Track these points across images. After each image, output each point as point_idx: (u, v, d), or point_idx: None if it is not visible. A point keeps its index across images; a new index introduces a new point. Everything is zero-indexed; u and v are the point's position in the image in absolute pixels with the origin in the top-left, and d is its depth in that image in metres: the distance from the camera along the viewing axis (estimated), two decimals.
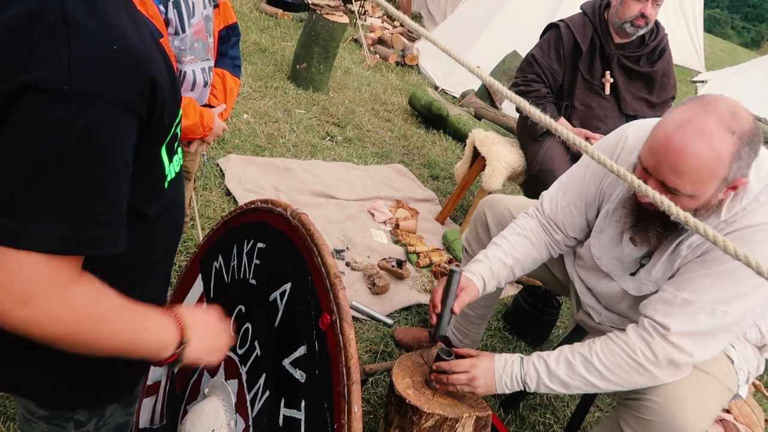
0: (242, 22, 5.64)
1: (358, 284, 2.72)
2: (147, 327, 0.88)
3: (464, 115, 4.70)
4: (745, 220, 1.43)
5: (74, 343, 0.79)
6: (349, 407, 0.85)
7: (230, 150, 3.40)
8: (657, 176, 1.39)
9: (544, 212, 1.87)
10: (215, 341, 1.02)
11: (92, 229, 0.74)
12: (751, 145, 1.34)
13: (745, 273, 1.40)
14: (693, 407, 1.49)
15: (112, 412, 1.06)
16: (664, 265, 1.57)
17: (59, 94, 0.68)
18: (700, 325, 1.45)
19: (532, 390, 1.61)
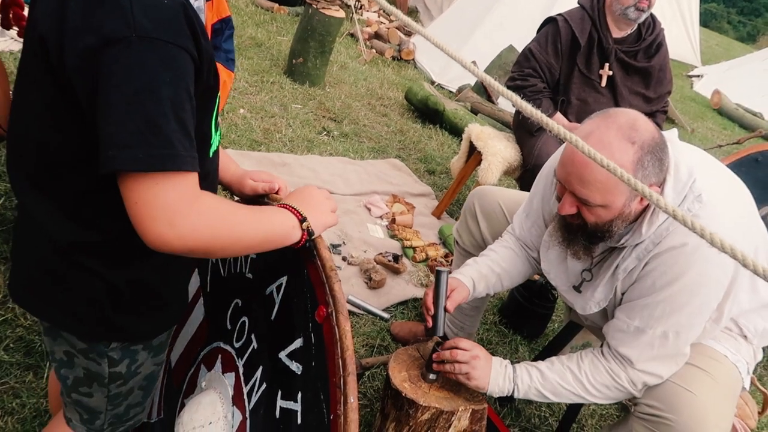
0: (238, 16, 5.62)
1: (354, 279, 2.72)
2: (270, 217, 1.02)
3: (460, 110, 4.70)
4: (668, 241, 1.46)
5: (222, 246, 0.93)
6: (345, 398, 0.86)
7: (226, 145, 3.39)
8: (569, 188, 1.44)
9: (515, 234, 1.93)
10: (323, 205, 1.11)
11: (181, 149, 0.84)
12: (654, 153, 1.38)
13: (682, 295, 1.48)
14: (712, 426, 1.49)
15: (142, 360, 1.11)
16: (605, 288, 1.62)
17: (132, 41, 0.80)
18: (657, 351, 1.53)
19: (520, 393, 1.64)
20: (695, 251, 1.44)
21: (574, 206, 1.47)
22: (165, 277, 1.06)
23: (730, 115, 8.85)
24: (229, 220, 0.93)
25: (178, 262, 1.06)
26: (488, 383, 1.64)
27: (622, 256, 1.56)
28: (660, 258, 1.48)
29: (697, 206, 1.45)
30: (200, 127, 0.96)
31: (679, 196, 1.46)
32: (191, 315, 1.47)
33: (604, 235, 1.50)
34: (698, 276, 1.46)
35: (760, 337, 1.73)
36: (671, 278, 1.47)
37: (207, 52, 0.90)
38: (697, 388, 1.52)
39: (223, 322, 1.30)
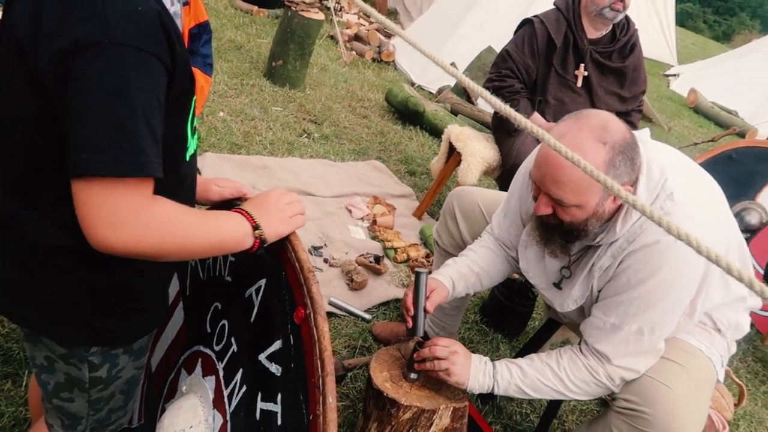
0: (217, 19, 5.60)
1: (336, 280, 2.73)
2: (221, 224, 1.03)
3: (441, 111, 4.73)
4: (642, 239, 1.50)
5: (169, 252, 0.94)
6: (324, 398, 0.87)
7: (206, 148, 3.38)
8: (543, 189, 1.47)
9: (494, 233, 1.95)
10: (284, 211, 1.11)
11: (150, 155, 0.85)
12: (625, 153, 1.41)
13: (656, 292, 1.51)
14: (688, 418, 1.52)
15: (123, 364, 1.11)
16: (582, 286, 1.65)
17: (104, 47, 0.81)
18: (633, 347, 1.56)
19: (501, 389, 1.66)
20: (668, 248, 1.47)
21: (550, 206, 1.50)
22: (145, 281, 1.06)
23: (706, 113, 9.00)
24: (178, 227, 0.94)
25: (158, 265, 1.07)
26: (468, 379, 1.66)
27: (598, 255, 1.59)
28: (634, 256, 1.52)
29: (669, 204, 1.48)
30: (176, 131, 0.97)
31: (651, 194, 1.49)
32: (171, 319, 1.47)
33: (579, 234, 1.53)
34: (671, 273, 1.50)
35: (734, 331, 1.77)
36: (645, 275, 1.51)
37: (182, 58, 0.90)
38: (673, 382, 1.55)
39: (203, 326, 1.31)
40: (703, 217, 1.52)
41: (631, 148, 1.44)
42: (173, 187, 0.99)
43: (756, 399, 2.88)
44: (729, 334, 1.76)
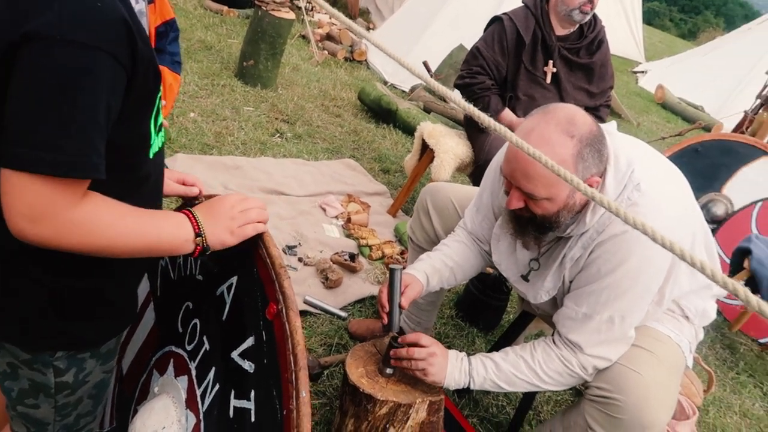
0: (186, 19, 5.53)
1: (311, 279, 2.72)
2: (162, 227, 1.00)
3: (413, 109, 4.75)
4: (611, 229, 1.53)
5: (94, 250, 0.92)
6: (297, 393, 0.86)
7: (177, 149, 3.34)
8: (515, 184, 1.49)
9: (467, 228, 1.97)
10: (234, 219, 1.08)
11: (90, 156, 0.84)
12: (592, 145, 1.44)
13: (625, 280, 1.54)
14: (658, 403, 1.56)
15: (91, 368, 1.09)
16: (554, 277, 1.68)
17: (54, 42, 0.79)
18: (604, 335, 1.59)
19: (476, 384, 1.68)
20: (636, 238, 1.50)
21: (522, 200, 1.52)
22: (111, 283, 1.04)
23: (673, 108, 9.19)
24: (107, 227, 0.92)
25: (126, 268, 1.05)
26: (445, 378, 1.68)
27: (569, 246, 1.61)
28: (604, 246, 1.54)
29: (636, 195, 1.51)
30: (139, 129, 0.96)
31: (619, 185, 1.52)
32: (142, 320, 1.45)
33: (552, 226, 1.55)
34: (639, 261, 1.53)
35: (701, 317, 1.82)
36: (615, 265, 1.54)
37: (145, 56, 0.89)
38: (643, 369, 1.58)
39: (174, 326, 1.29)
40: (670, 208, 1.56)
41: (598, 140, 1.46)
42: (136, 185, 0.98)
43: (725, 385, 2.95)
44: (697, 321, 1.81)
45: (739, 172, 3.84)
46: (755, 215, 3.50)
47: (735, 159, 3.85)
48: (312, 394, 2.13)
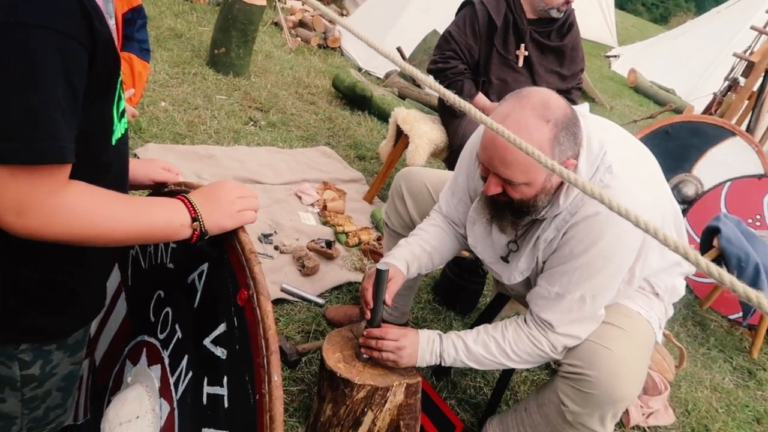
0: (155, 6, 5.43)
1: (287, 267, 2.71)
2: (155, 212, 0.99)
3: (388, 95, 4.73)
4: (583, 211, 1.55)
5: (85, 239, 0.91)
6: (269, 377, 0.86)
7: (148, 139, 3.29)
8: (492, 170, 1.51)
9: (442, 212, 1.98)
10: (232, 204, 1.08)
11: (62, 141, 0.82)
12: (568, 129, 1.46)
13: (597, 260, 1.57)
14: (629, 378, 1.59)
15: (58, 360, 1.07)
16: (528, 258, 1.70)
17: (7, 26, 0.77)
18: (576, 314, 1.62)
19: (447, 364, 1.72)
20: (608, 219, 1.52)
21: (500, 186, 1.53)
22: (76, 273, 1.02)
23: (645, 92, 9.31)
24: (93, 215, 0.91)
25: (93, 257, 1.03)
26: (416, 363, 1.72)
27: (542, 228, 1.63)
28: (576, 227, 1.57)
29: (608, 177, 1.53)
30: (101, 114, 0.94)
31: (591, 167, 1.54)
32: (114, 311, 1.43)
33: (529, 210, 1.57)
34: (611, 242, 1.55)
35: (671, 294, 1.86)
36: (587, 245, 1.56)
37: (103, 36, 0.87)
38: (614, 344, 1.61)
39: (146, 315, 1.28)
40: (641, 189, 1.58)
41: (572, 123, 1.48)
42: (98, 172, 0.96)
43: (696, 360, 3.02)
44: (666, 298, 1.85)
45: (709, 152, 3.91)
46: (724, 195, 3.58)
47: (704, 140, 3.92)
48: (290, 381, 2.13)
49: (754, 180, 3.50)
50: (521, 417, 1.85)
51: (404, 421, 1.80)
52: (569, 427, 1.68)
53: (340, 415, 1.79)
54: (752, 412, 2.77)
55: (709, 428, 2.55)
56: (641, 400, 2.46)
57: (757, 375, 3.07)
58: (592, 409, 1.61)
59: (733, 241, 3.09)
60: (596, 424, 1.63)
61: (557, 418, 1.69)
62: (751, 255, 3.03)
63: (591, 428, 1.64)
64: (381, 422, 1.79)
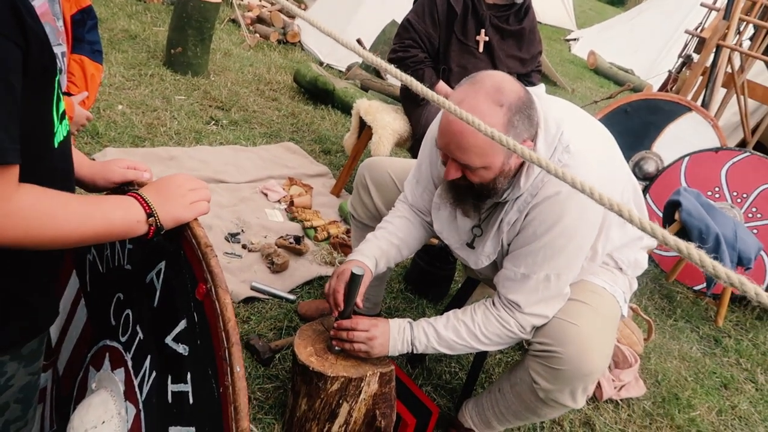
0: (107, 8, 5.30)
1: (256, 265, 2.69)
2: (110, 212, 0.98)
3: (351, 88, 4.71)
4: (544, 191, 1.57)
5: (43, 241, 0.89)
6: (231, 368, 0.85)
7: (106, 144, 3.22)
8: (450, 156, 1.52)
9: (408, 201, 1.98)
10: (185, 196, 1.07)
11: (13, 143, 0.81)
12: (522, 112, 1.47)
13: (560, 239, 1.59)
14: (597, 352, 1.62)
15: (13, 372, 1.03)
16: (493, 242, 1.72)
17: None
18: (542, 294, 1.64)
19: (419, 351, 1.73)
20: (568, 198, 1.54)
21: (459, 171, 1.53)
22: (22, 281, 0.99)
23: (605, 73, 9.45)
24: (49, 217, 0.89)
25: (35, 263, 0.99)
26: (388, 352, 1.73)
27: (505, 210, 1.64)
28: (538, 208, 1.58)
29: (566, 156, 1.54)
30: (39, 115, 0.91)
31: (549, 148, 1.55)
32: (74, 318, 1.40)
33: (490, 193, 1.58)
34: (572, 220, 1.57)
35: (634, 268, 1.89)
36: (549, 225, 1.58)
37: (35, 32, 0.83)
38: (580, 320, 1.64)
39: (107, 319, 1.25)
40: (600, 167, 1.60)
41: (527, 106, 1.49)
42: (42, 175, 0.92)
43: (664, 332, 3.10)
44: (630, 272, 1.88)
45: (667, 129, 3.99)
46: (683, 169, 3.66)
47: (662, 117, 4.00)
48: (265, 378, 2.11)
49: (711, 153, 3.59)
50: (495, 398, 1.87)
51: (380, 410, 1.80)
52: (542, 404, 1.70)
53: (316, 408, 1.78)
54: (719, 378, 2.85)
55: (679, 397, 2.61)
56: (612, 374, 2.51)
57: (723, 342, 3.16)
58: (562, 384, 1.63)
59: (694, 213, 3.16)
60: (568, 399, 1.66)
61: (530, 396, 1.71)
62: (711, 226, 3.11)
63: (563, 403, 1.67)
64: (357, 413, 1.79)
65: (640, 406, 2.49)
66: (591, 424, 2.32)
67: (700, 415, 2.54)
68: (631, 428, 2.37)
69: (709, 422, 2.53)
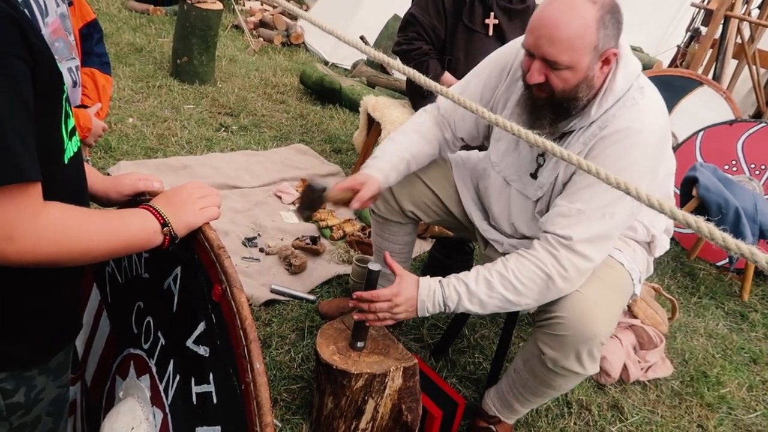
0: (112, 23, 5.36)
1: (275, 267, 2.70)
2: (129, 225, 1.00)
3: (357, 86, 4.71)
4: (612, 125, 1.57)
5: (71, 258, 0.91)
6: (251, 365, 0.86)
7: (120, 157, 3.25)
8: (538, 54, 1.51)
9: (440, 109, 1.98)
10: (194, 204, 1.09)
11: (27, 159, 0.82)
12: (613, 13, 1.49)
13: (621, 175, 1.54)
14: (599, 316, 1.61)
15: (42, 385, 1.05)
16: (550, 172, 1.71)
17: None
18: (595, 230, 1.60)
19: (451, 311, 1.68)
20: (637, 134, 1.56)
21: (542, 74, 1.53)
22: (46, 296, 1.00)
23: None
24: (78, 231, 0.90)
25: (58, 279, 1.01)
26: (416, 312, 1.67)
27: (569, 143, 1.65)
28: (604, 142, 1.59)
29: (639, 96, 1.58)
30: (49, 132, 0.91)
31: (627, 83, 1.58)
32: (98, 330, 1.42)
33: (570, 105, 1.58)
34: (636, 158, 1.58)
35: (661, 242, 1.87)
36: (613, 160, 1.57)
37: (41, 50, 0.84)
38: (583, 286, 1.64)
39: (129, 328, 1.27)
40: (661, 120, 1.62)
41: (617, 10, 1.51)
42: (55, 192, 0.93)
43: (688, 310, 3.06)
44: (657, 245, 1.86)
45: (678, 105, 3.93)
46: (698, 144, 3.61)
47: (673, 93, 3.94)
48: (290, 379, 2.12)
49: (725, 127, 3.53)
50: (512, 379, 1.87)
51: (406, 405, 1.80)
52: (553, 374, 1.70)
53: (342, 406, 1.79)
54: (748, 354, 2.81)
55: (707, 374, 2.58)
56: (638, 355, 2.49)
57: (749, 317, 3.11)
58: (566, 350, 1.63)
59: (712, 188, 3.12)
60: (575, 364, 1.65)
61: (541, 369, 1.71)
62: (730, 201, 3.06)
63: (572, 370, 1.66)
64: (383, 408, 1.79)
65: (668, 386, 2.47)
66: (619, 407, 2.30)
67: (730, 392, 2.50)
68: (660, 409, 2.34)
69: (740, 398, 2.49)
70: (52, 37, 1.75)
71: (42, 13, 1.69)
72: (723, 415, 2.37)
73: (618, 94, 1.58)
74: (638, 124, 1.56)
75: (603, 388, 2.38)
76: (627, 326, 2.56)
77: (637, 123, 1.56)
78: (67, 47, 1.84)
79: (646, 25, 9.45)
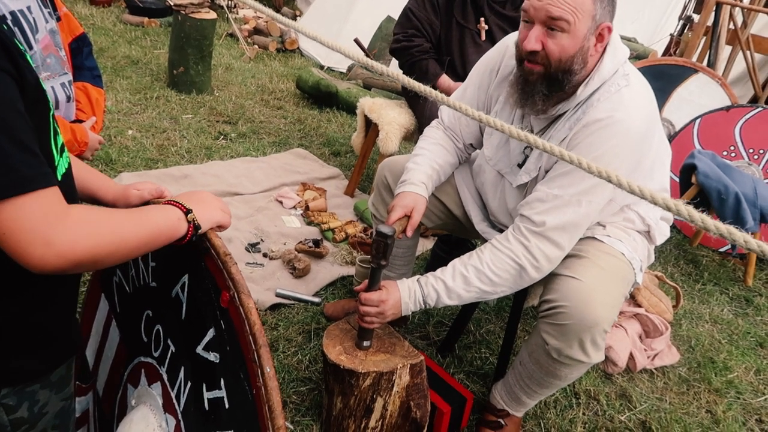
0: (107, 36, 5.38)
1: (279, 272, 2.72)
2: (152, 216, 1.01)
3: (354, 88, 4.73)
4: (595, 113, 1.60)
5: (106, 253, 0.91)
6: (261, 370, 0.88)
7: (120, 169, 3.27)
8: (539, 16, 1.53)
9: (444, 123, 2.03)
10: (213, 203, 1.13)
11: (41, 167, 0.84)
12: None
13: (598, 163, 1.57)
14: (600, 303, 1.63)
15: (45, 399, 1.05)
16: (536, 161, 1.75)
17: None
18: (569, 217, 1.64)
19: (431, 307, 1.76)
20: (618, 123, 1.57)
21: (539, 41, 1.55)
22: (45, 312, 1.01)
23: None
24: (107, 225, 0.91)
25: (57, 294, 1.02)
26: (401, 313, 1.76)
27: (556, 128, 1.68)
28: (587, 129, 1.61)
29: (623, 82, 1.60)
30: (40, 149, 0.91)
31: (613, 68, 1.61)
32: (107, 340, 1.44)
33: (564, 78, 1.59)
34: (613, 148, 1.59)
35: (659, 230, 1.89)
36: (592, 148, 1.59)
37: (25, 67, 0.86)
38: (582, 274, 1.66)
39: (138, 337, 1.29)
40: (645, 109, 1.63)
41: None
42: None
43: (693, 297, 3.07)
44: (657, 233, 1.88)
45: (674, 93, 3.94)
46: (696, 132, 3.62)
47: (668, 82, 3.95)
48: (299, 381, 2.14)
49: (722, 113, 3.54)
50: (518, 371, 1.89)
51: (414, 401, 1.82)
52: (558, 364, 1.72)
53: (351, 405, 1.81)
54: (754, 338, 2.82)
55: (714, 360, 2.59)
56: (644, 344, 2.50)
57: (754, 301, 3.12)
58: (569, 339, 1.65)
59: (711, 175, 3.13)
60: (578, 353, 1.67)
61: (546, 359, 1.73)
62: (729, 186, 3.07)
63: (575, 358, 1.68)
64: (392, 406, 1.81)
65: (675, 374, 2.48)
66: (627, 396, 2.31)
67: (737, 377, 2.51)
68: (668, 396, 2.35)
69: (748, 383, 2.50)
70: (43, 54, 1.76)
71: (32, 30, 1.71)
72: (731, 400, 2.38)
73: (605, 76, 1.61)
74: (620, 112, 1.59)
75: (610, 378, 2.40)
76: (632, 315, 2.57)
77: (620, 111, 1.59)
78: (58, 62, 1.85)
79: (641, 15, 9.47)
